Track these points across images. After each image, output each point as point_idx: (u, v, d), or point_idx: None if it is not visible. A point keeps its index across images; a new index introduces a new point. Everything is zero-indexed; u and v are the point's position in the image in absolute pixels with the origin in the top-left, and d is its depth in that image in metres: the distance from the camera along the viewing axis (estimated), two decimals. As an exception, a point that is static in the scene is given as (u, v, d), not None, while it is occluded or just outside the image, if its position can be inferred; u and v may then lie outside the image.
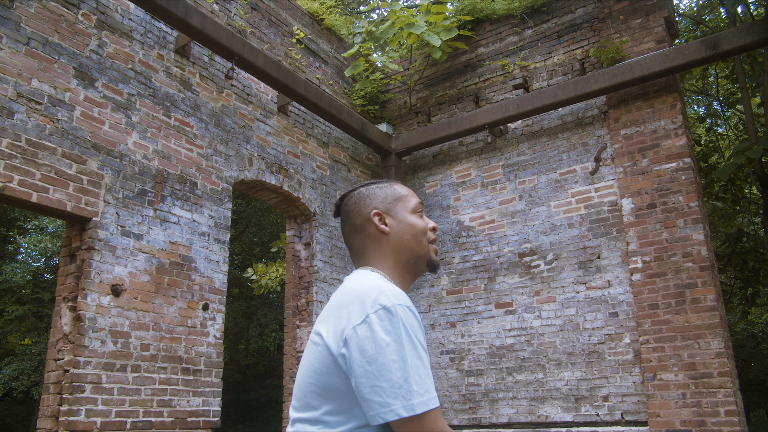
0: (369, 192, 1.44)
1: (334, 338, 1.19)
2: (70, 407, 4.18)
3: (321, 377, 1.20)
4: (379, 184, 1.46)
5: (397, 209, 1.42)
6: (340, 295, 1.28)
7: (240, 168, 5.90)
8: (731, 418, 5.11)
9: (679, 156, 5.86)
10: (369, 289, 1.22)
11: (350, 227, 1.43)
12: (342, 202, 1.47)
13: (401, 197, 1.44)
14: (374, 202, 1.42)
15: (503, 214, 6.83)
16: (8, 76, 4.26)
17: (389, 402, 1.09)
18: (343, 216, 1.46)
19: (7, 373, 13.01)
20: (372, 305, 1.17)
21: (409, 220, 1.41)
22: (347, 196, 1.46)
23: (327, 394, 1.20)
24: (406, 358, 1.12)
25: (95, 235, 4.55)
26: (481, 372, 6.53)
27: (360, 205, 1.42)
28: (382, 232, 1.39)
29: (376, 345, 1.13)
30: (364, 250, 1.40)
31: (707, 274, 5.48)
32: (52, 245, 14.08)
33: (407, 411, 1.09)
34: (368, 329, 1.14)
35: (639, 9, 6.39)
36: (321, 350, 1.22)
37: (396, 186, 1.46)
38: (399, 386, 1.10)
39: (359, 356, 1.13)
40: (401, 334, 1.14)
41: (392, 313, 1.16)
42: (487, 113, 6.80)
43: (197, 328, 5.14)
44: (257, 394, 16.68)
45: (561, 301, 6.24)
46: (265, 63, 5.82)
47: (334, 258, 6.81)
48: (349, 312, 1.20)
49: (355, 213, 1.42)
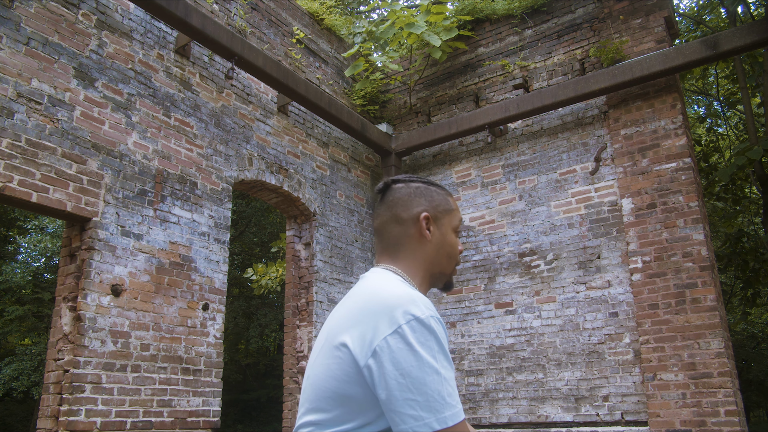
0: (426, 191, 1.40)
1: (361, 347, 1.16)
2: (70, 407, 4.18)
3: (340, 384, 1.18)
4: (437, 188, 1.43)
5: (444, 221, 1.40)
6: (363, 298, 1.24)
7: (240, 168, 5.90)
8: (731, 418, 5.11)
9: (679, 156, 5.86)
10: (398, 297, 1.18)
11: (392, 216, 1.38)
12: (394, 185, 1.41)
13: (451, 212, 1.41)
14: (427, 204, 1.38)
15: (503, 214, 6.83)
16: (8, 76, 4.26)
17: (423, 415, 1.09)
18: (388, 200, 1.40)
19: (7, 373, 13.00)
20: (404, 315, 1.14)
21: (451, 238, 1.40)
22: (401, 183, 1.41)
23: (343, 401, 1.18)
24: (439, 371, 1.11)
25: (95, 235, 4.55)
26: (481, 372, 6.53)
27: (413, 200, 1.38)
28: (424, 236, 1.36)
29: (410, 357, 1.11)
30: (398, 246, 1.36)
31: (707, 274, 5.48)
32: (52, 245, 14.08)
33: (440, 424, 1.09)
34: (401, 341, 1.12)
35: (639, 9, 6.39)
36: (344, 357, 1.18)
37: (449, 198, 1.44)
38: (434, 399, 1.09)
39: (392, 368, 1.11)
40: (434, 346, 1.13)
41: (425, 324, 1.14)
42: (487, 113, 6.80)
43: (197, 328, 5.14)
44: (257, 394, 16.68)
45: (561, 301, 6.24)
46: (265, 63, 5.82)
47: (334, 258, 6.80)
48: (378, 320, 1.16)
49: (403, 205, 1.37)
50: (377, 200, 1.45)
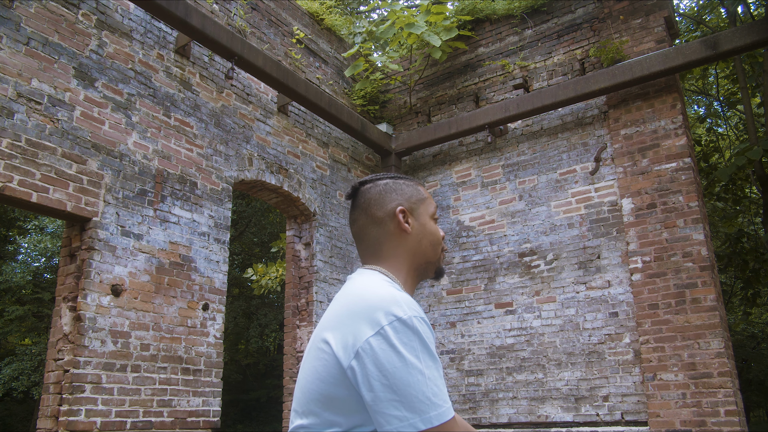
0: (396, 186, 1.38)
1: (344, 349, 1.15)
2: (70, 407, 4.18)
3: (326, 386, 1.18)
4: (405, 180, 1.41)
5: (420, 210, 1.38)
6: (347, 300, 1.24)
7: (240, 168, 5.90)
8: (731, 418, 5.11)
9: (679, 156, 5.86)
10: (381, 298, 1.17)
11: (368, 218, 1.36)
12: (362, 188, 1.40)
13: (424, 200, 1.40)
14: (400, 198, 1.37)
15: (503, 214, 6.83)
16: (8, 76, 4.26)
17: (407, 416, 1.08)
18: (360, 204, 1.38)
19: (7, 373, 13.00)
20: (386, 316, 1.13)
21: (430, 226, 1.39)
22: (369, 183, 1.39)
23: (330, 403, 1.18)
24: (423, 371, 1.10)
25: (95, 235, 4.55)
26: (481, 372, 6.53)
27: (385, 197, 1.36)
28: (403, 230, 1.35)
29: (393, 358, 1.10)
30: (379, 245, 1.35)
31: (707, 274, 5.48)
32: (52, 245, 14.08)
33: (425, 424, 1.08)
34: (384, 342, 1.11)
35: (639, 9, 6.39)
36: (328, 359, 1.18)
37: (420, 187, 1.42)
38: (418, 400, 1.08)
39: (375, 370, 1.10)
40: (417, 346, 1.12)
41: (408, 325, 1.13)
42: (487, 113, 6.80)
43: (197, 328, 5.14)
44: (257, 394, 16.69)
45: (561, 301, 6.24)
46: (265, 63, 5.82)
47: (334, 258, 6.80)
48: (360, 322, 1.15)
49: (377, 204, 1.36)
50: (350, 206, 1.43)
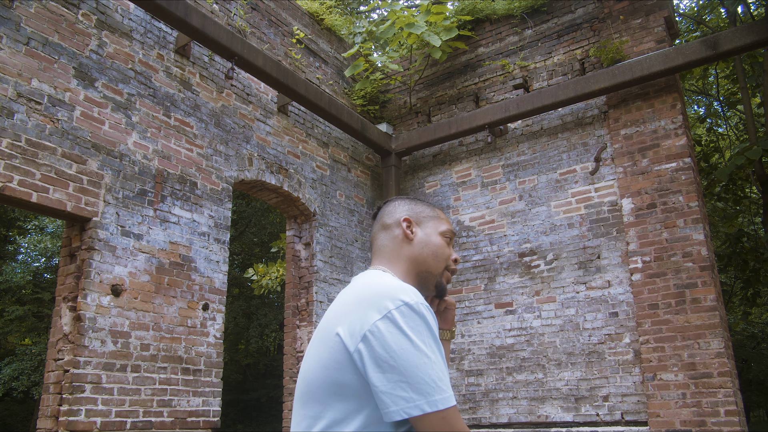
0: (408, 202, 1.52)
1: (351, 335, 1.17)
2: (70, 407, 4.18)
3: (331, 373, 1.18)
4: (421, 202, 1.54)
5: (428, 224, 1.48)
6: (353, 292, 1.27)
7: (240, 168, 5.90)
8: (731, 418, 5.11)
9: (679, 156, 5.86)
10: (389, 287, 1.22)
11: (380, 226, 1.49)
12: (384, 205, 1.56)
13: (436, 217, 1.50)
14: (409, 211, 1.49)
15: (503, 214, 6.83)
16: (8, 76, 4.26)
17: (414, 397, 1.10)
18: (377, 217, 1.53)
19: (7, 373, 13.00)
20: (393, 301, 1.17)
21: (436, 239, 1.46)
22: (388, 202, 1.55)
23: (337, 391, 1.18)
24: (429, 355, 1.13)
25: (95, 235, 4.55)
26: (481, 372, 6.53)
27: (396, 209, 1.50)
28: (407, 237, 1.43)
29: (401, 340, 1.12)
30: (384, 248, 1.45)
31: (707, 274, 5.48)
32: (52, 245, 14.08)
33: (431, 407, 1.09)
34: (392, 324, 1.14)
35: (639, 9, 6.39)
36: (335, 345, 1.19)
37: (437, 210, 1.53)
38: (425, 382, 1.10)
39: (382, 351, 1.12)
40: (424, 331, 1.15)
41: (415, 310, 1.16)
42: (487, 113, 6.80)
43: (197, 328, 5.14)
44: (257, 394, 16.68)
45: (561, 301, 6.24)
46: (265, 63, 5.82)
47: (334, 258, 6.81)
48: (368, 308, 1.18)
49: (388, 214, 1.50)
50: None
